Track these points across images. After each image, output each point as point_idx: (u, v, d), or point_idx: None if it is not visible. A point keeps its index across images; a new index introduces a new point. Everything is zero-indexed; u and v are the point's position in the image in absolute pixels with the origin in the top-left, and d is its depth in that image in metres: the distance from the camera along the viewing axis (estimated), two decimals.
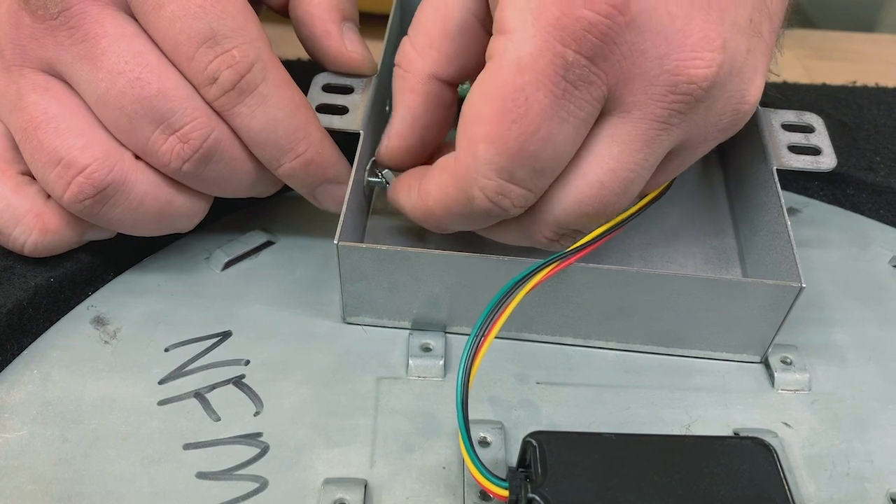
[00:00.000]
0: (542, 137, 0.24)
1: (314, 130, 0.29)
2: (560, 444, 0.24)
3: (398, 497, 0.26)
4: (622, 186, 0.26)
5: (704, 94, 0.25)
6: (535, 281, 0.27)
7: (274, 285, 0.32)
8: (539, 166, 0.25)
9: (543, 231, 0.27)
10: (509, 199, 0.26)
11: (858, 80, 0.45)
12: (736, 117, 0.27)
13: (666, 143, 0.26)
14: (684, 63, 0.24)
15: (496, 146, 0.25)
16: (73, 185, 0.27)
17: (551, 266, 0.27)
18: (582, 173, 0.26)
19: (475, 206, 0.26)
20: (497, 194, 0.26)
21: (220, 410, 0.28)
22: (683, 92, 0.24)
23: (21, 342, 0.29)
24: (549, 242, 0.28)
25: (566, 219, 0.27)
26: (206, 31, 0.27)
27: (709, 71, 0.24)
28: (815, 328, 0.32)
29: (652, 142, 0.25)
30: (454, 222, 0.28)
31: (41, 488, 0.25)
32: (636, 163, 0.26)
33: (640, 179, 0.26)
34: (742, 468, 0.24)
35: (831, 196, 0.38)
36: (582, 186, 0.26)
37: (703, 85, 0.24)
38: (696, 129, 0.26)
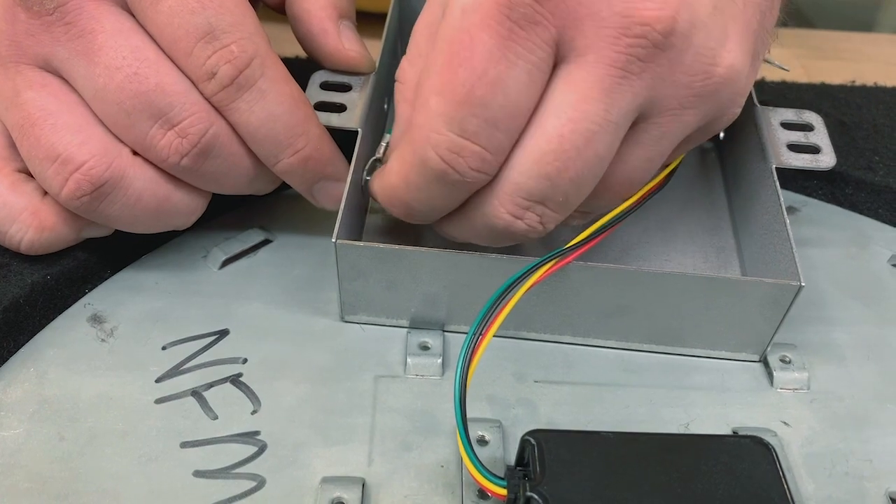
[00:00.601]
0: (489, 81, 0.24)
1: (313, 127, 0.29)
2: (558, 443, 0.24)
3: (396, 496, 0.26)
4: (583, 140, 0.24)
5: (662, 40, 0.24)
6: (533, 279, 0.27)
7: (271, 284, 0.32)
8: (490, 116, 0.24)
9: (504, 203, 0.26)
10: (463, 158, 0.25)
11: (857, 79, 0.45)
12: (709, 82, 0.25)
13: (629, 96, 0.24)
14: (634, 4, 0.23)
15: (444, 95, 0.24)
16: (70, 181, 0.27)
17: (550, 264, 0.27)
18: (539, 126, 0.25)
19: (430, 169, 0.25)
20: (449, 152, 0.25)
21: (218, 409, 0.28)
22: (637, 34, 0.23)
23: (17, 340, 0.29)
24: (512, 219, 0.26)
25: (526, 182, 0.25)
26: (204, 27, 0.27)
27: (662, 13, 0.23)
28: (814, 327, 0.32)
29: (611, 90, 0.24)
30: (415, 199, 0.27)
31: (37, 486, 0.25)
32: (596, 113, 0.24)
33: (605, 136, 0.24)
34: (741, 467, 0.24)
35: (830, 195, 0.38)
36: (539, 141, 0.25)
37: (657, 28, 0.23)
38: (665, 86, 0.25)
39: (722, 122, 0.27)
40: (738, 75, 0.26)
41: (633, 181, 0.27)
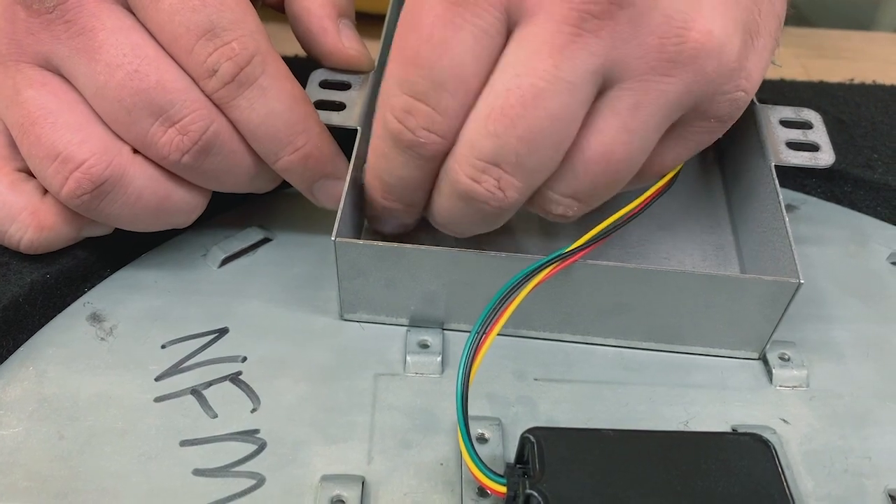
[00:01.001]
0: (435, 44, 0.24)
1: (313, 124, 0.29)
2: (558, 441, 0.24)
3: (396, 493, 0.26)
4: (530, 95, 0.24)
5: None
6: (538, 279, 0.27)
7: (271, 282, 0.32)
8: (436, 77, 0.24)
9: (462, 166, 0.25)
10: (414, 117, 0.25)
11: (856, 77, 0.45)
12: (683, 47, 0.24)
13: (583, 54, 0.24)
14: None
15: (396, 60, 0.25)
16: (70, 180, 0.27)
17: (555, 264, 0.27)
18: (490, 86, 0.25)
19: (390, 133, 0.26)
20: (403, 112, 0.25)
21: (217, 407, 0.28)
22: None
23: (17, 339, 0.29)
24: (471, 183, 0.25)
25: (478, 141, 0.25)
26: (205, 24, 0.27)
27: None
28: (814, 325, 0.32)
29: (563, 47, 0.24)
30: (385, 171, 0.27)
31: (37, 485, 0.25)
32: (545, 69, 0.24)
33: (557, 95, 0.24)
34: (740, 464, 0.24)
35: (829, 193, 0.38)
36: (488, 99, 0.25)
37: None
38: (629, 47, 0.24)
39: (721, 105, 0.26)
40: (719, 44, 0.25)
41: (615, 157, 0.26)
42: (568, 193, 0.27)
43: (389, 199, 0.29)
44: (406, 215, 0.30)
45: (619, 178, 0.26)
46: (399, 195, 0.28)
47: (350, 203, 0.30)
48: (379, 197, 0.29)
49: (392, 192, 0.28)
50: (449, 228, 0.29)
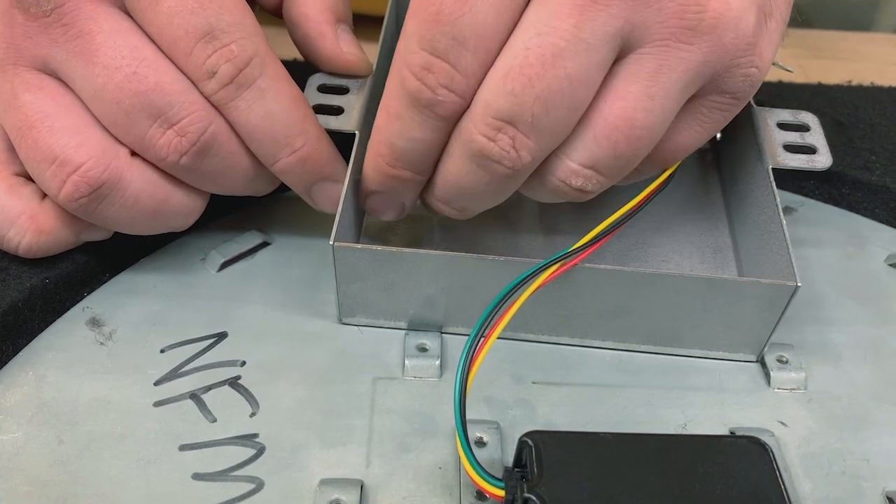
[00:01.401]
0: (457, 1, 0.24)
1: (311, 127, 0.29)
2: (556, 444, 0.24)
3: (394, 497, 0.26)
4: (550, 54, 0.24)
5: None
6: (538, 282, 0.27)
7: (270, 286, 0.32)
8: (458, 34, 0.24)
9: (477, 124, 0.25)
10: (433, 74, 0.25)
11: (854, 79, 0.45)
12: (703, 15, 0.24)
13: (604, 16, 0.24)
14: None
15: (416, 16, 0.25)
16: (68, 183, 0.27)
17: (554, 267, 0.27)
18: (509, 45, 0.25)
19: (406, 91, 0.26)
20: (421, 69, 0.25)
21: (216, 411, 0.28)
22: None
23: (16, 343, 0.29)
24: (485, 141, 0.25)
25: (494, 100, 0.25)
26: (204, 27, 0.27)
27: None
28: (811, 327, 0.32)
29: (585, 8, 0.24)
30: (397, 133, 0.27)
31: (36, 490, 0.25)
32: (565, 29, 0.24)
33: (576, 56, 0.24)
34: (738, 467, 0.24)
35: (827, 195, 0.38)
36: (507, 58, 0.25)
37: None
38: (650, 12, 0.24)
39: (736, 80, 0.26)
40: (736, 16, 0.25)
41: (637, 122, 0.25)
42: (589, 163, 0.26)
43: (397, 166, 0.28)
44: (408, 189, 0.29)
45: (640, 146, 0.26)
46: (408, 161, 0.28)
47: (349, 207, 0.30)
48: (385, 165, 0.28)
49: (402, 157, 0.28)
50: (452, 203, 0.29)
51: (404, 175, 0.28)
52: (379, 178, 0.29)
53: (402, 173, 0.28)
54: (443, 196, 0.29)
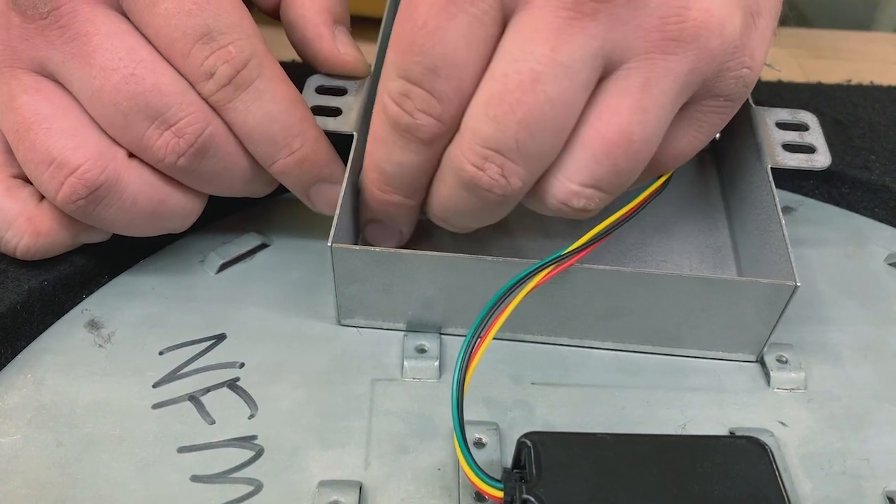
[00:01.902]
0: (429, 31, 0.25)
1: (309, 128, 0.29)
2: (555, 445, 0.24)
3: (393, 499, 0.26)
4: (529, 80, 0.24)
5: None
6: (532, 283, 0.27)
7: (268, 288, 0.32)
8: (430, 63, 0.25)
9: (465, 153, 0.26)
10: (411, 100, 0.25)
11: (854, 78, 0.45)
12: (684, 25, 0.24)
13: (581, 38, 0.24)
14: None
15: (393, 48, 0.26)
16: (65, 185, 0.27)
17: (549, 268, 0.27)
18: (489, 73, 0.25)
19: (389, 117, 0.26)
20: (400, 95, 0.26)
21: (215, 413, 0.28)
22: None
23: (15, 346, 0.29)
24: (475, 171, 0.26)
25: (479, 127, 0.25)
26: (201, 28, 0.27)
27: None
28: (811, 327, 0.32)
29: (560, 31, 0.24)
30: (385, 158, 0.28)
31: (35, 493, 0.25)
32: (542, 53, 0.24)
33: (555, 79, 0.24)
34: (737, 467, 0.24)
35: (826, 194, 0.38)
36: (487, 85, 0.25)
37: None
38: (629, 28, 0.24)
39: (728, 83, 0.26)
40: (719, 22, 0.25)
41: (635, 136, 0.25)
42: (590, 183, 0.26)
43: (388, 191, 0.29)
44: (404, 213, 0.30)
45: (639, 159, 0.26)
46: (398, 184, 0.28)
47: (347, 208, 0.30)
48: (377, 190, 0.29)
49: (391, 181, 0.28)
50: (450, 222, 0.29)
51: (395, 199, 0.29)
52: (374, 204, 0.30)
53: (393, 197, 0.29)
54: (440, 216, 0.29)
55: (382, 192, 0.29)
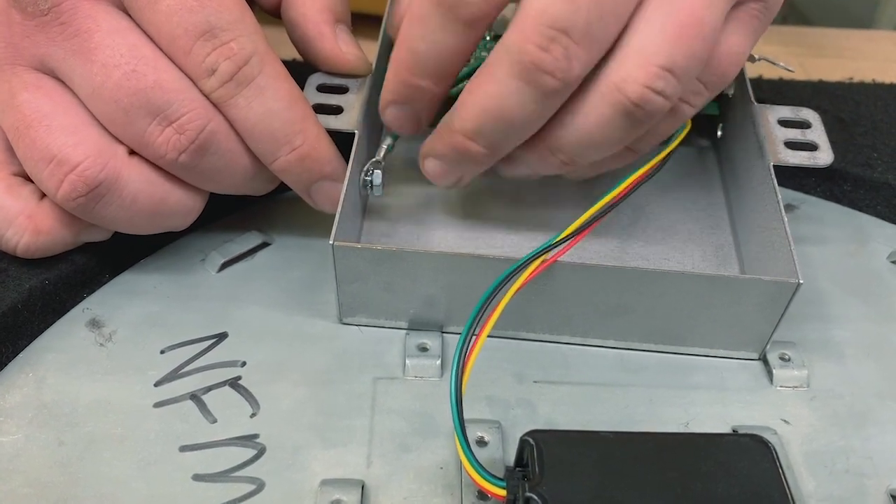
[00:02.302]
0: None
1: (311, 125, 0.29)
2: (558, 443, 0.24)
3: (395, 497, 0.26)
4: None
5: None
6: (523, 278, 0.27)
7: (270, 286, 0.32)
8: None
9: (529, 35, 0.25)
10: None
11: (855, 76, 0.45)
12: None
13: None
14: None
15: None
16: (65, 182, 0.27)
17: (538, 261, 0.27)
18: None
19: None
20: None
21: (217, 412, 0.28)
22: None
23: (16, 345, 0.29)
24: (538, 52, 0.25)
25: (550, 6, 0.25)
26: (203, 25, 0.27)
27: None
28: (814, 325, 0.32)
29: None
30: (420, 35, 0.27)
31: (36, 492, 0.25)
32: None
33: None
34: (741, 465, 0.24)
35: (828, 192, 0.38)
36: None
37: None
38: None
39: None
40: None
41: (706, 20, 0.26)
42: (667, 65, 0.26)
43: (416, 73, 0.28)
44: (427, 100, 0.29)
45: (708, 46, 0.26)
46: (428, 67, 0.28)
47: (349, 206, 0.30)
48: (405, 71, 0.28)
49: (422, 63, 0.28)
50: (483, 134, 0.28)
51: (422, 83, 0.28)
52: (398, 88, 0.29)
53: (421, 81, 0.28)
54: (475, 124, 0.28)
55: (411, 73, 0.28)
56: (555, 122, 0.28)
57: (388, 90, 0.29)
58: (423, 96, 0.29)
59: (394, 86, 0.29)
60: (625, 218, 0.34)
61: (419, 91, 0.29)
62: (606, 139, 0.27)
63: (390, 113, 0.30)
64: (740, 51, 0.29)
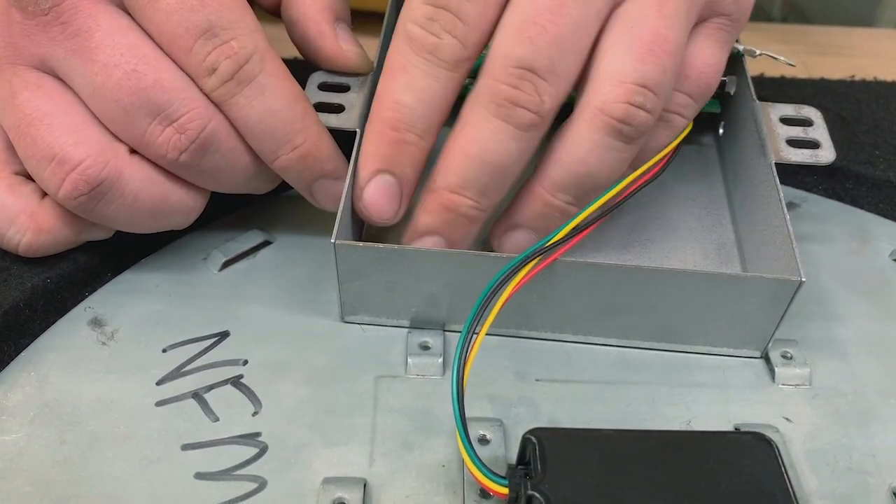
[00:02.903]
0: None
1: (311, 123, 0.29)
2: (560, 441, 0.24)
3: (398, 496, 0.26)
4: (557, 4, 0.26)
5: None
6: (521, 276, 0.27)
7: (272, 285, 0.32)
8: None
9: (499, 76, 0.27)
10: (438, 21, 0.27)
11: (857, 74, 0.45)
12: None
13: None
14: None
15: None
16: (67, 181, 0.27)
17: (536, 260, 0.27)
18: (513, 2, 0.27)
19: (410, 38, 0.27)
20: (427, 19, 0.27)
21: (219, 411, 0.28)
22: None
23: (18, 344, 0.29)
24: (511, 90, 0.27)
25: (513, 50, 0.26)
26: (203, 24, 0.27)
27: None
28: (816, 323, 0.32)
29: None
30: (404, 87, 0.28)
31: (39, 490, 0.25)
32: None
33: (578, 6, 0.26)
34: (743, 463, 0.24)
35: (830, 190, 0.38)
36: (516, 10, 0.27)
37: None
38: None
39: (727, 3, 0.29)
40: None
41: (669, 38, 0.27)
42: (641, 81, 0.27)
43: (401, 128, 0.28)
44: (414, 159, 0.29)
45: (676, 60, 0.28)
46: (414, 119, 0.28)
47: (350, 205, 0.30)
48: (389, 129, 0.28)
49: (407, 115, 0.28)
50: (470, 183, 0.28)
51: (408, 138, 0.28)
52: (382, 151, 0.29)
53: (406, 135, 0.28)
54: (458, 175, 0.28)
55: (396, 129, 0.28)
56: (549, 161, 0.28)
57: (371, 156, 0.29)
58: (410, 156, 0.29)
59: (377, 148, 0.29)
60: (626, 216, 0.34)
61: (406, 149, 0.28)
62: (602, 163, 0.28)
63: (370, 191, 0.29)
64: (714, 61, 0.30)
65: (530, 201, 0.29)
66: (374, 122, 0.29)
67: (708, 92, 0.30)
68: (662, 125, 0.30)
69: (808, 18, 0.68)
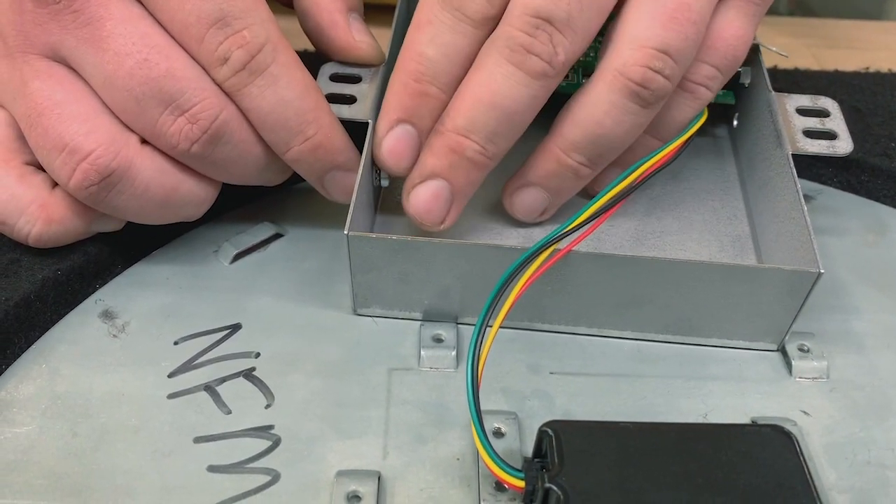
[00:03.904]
0: None
1: (324, 114, 0.29)
2: (576, 434, 0.24)
3: (412, 489, 0.26)
4: None
5: None
6: (535, 267, 0.27)
7: (283, 277, 0.32)
8: None
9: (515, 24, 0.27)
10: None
11: (870, 67, 0.44)
12: None
13: None
14: None
15: None
16: (77, 171, 0.27)
17: (550, 249, 0.27)
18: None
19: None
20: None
21: (231, 403, 0.28)
22: None
23: (29, 336, 0.29)
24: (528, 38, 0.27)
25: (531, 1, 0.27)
26: (216, 13, 0.26)
27: None
28: (833, 315, 0.32)
29: None
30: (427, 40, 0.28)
31: (51, 483, 0.25)
32: None
33: None
34: (762, 456, 0.23)
35: (846, 183, 0.37)
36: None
37: None
38: None
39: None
40: None
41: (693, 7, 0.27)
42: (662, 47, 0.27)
43: (423, 81, 0.28)
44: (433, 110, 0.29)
45: (699, 29, 0.28)
46: (436, 72, 0.28)
47: (363, 196, 0.30)
48: (412, 81, 0.29)
49: (429, 68, 0.28)
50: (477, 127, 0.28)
51: (431, 91, 0.29)
52: (404, 101, 0.29)
53: (430, 88, 0.29)
54: (467, 118, 0.28)
55: (417, 81, 0.28)
56: (565, 119, 0.29)
57: (393, 106, 0.29)
58: (430, 108, 0.29)
59: (399, 99, 0.29)
60: (640, 208, 0.34)
61: (427, 102, 0.29)
62: (618, 126, 0.28)
63: (390, 140, 0.29)
64: (743, 34, 0.30)
65: (544, 159, 0.30)
66: (399, 73, 0.29)
67: (735, 64, 0.30)
68: (688, 97, 0.30)
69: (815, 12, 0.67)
